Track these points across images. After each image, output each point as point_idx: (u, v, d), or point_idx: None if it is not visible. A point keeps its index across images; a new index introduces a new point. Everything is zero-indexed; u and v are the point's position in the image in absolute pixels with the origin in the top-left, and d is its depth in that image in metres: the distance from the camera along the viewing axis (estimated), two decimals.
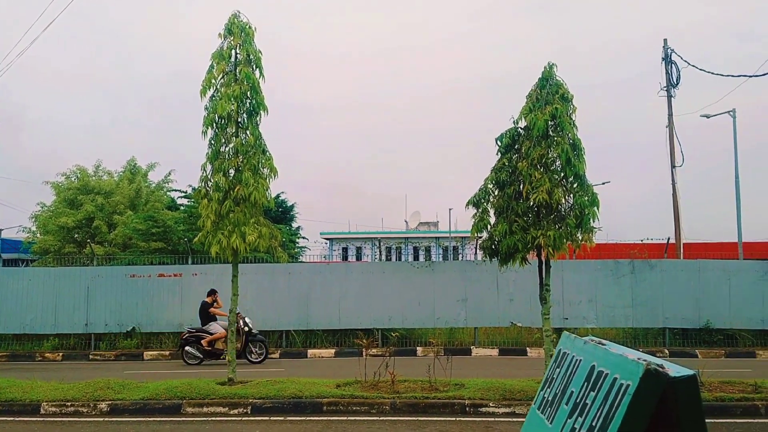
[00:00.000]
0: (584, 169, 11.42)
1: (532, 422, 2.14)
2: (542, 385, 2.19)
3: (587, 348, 1.89)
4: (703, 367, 11.52)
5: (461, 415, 9.85)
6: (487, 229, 12.03)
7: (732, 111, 23.26)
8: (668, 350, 18.10)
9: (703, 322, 18.71)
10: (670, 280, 19.02)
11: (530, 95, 11.65)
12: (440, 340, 18.22)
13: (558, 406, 1.90)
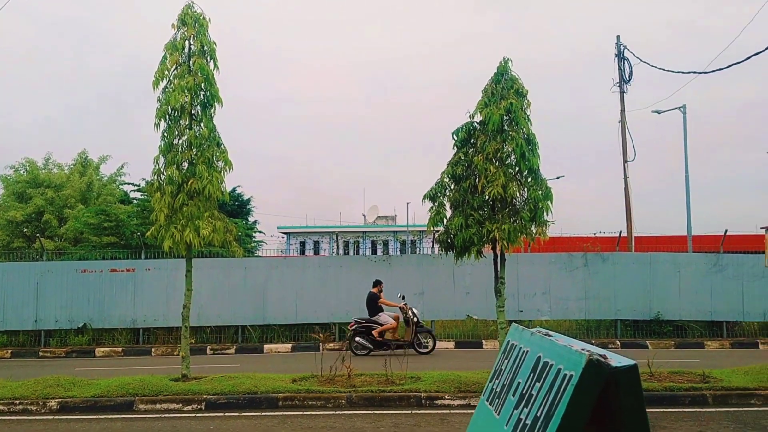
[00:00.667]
0: (538, 163, 11.57)
1: (480, 414, 2.15)
2: (491, 376, 2.20)
3: (534, 339, 1.91)
4: (653, 357, 11.80)
5: (417, 408, 9.90)
6: (444, 223, 12.12)
7: (682, 107, 23.81)
8: (620, 341, 18.49)
9: (654, 313, 19.14)
10: (622, 272, 19.41)
11: (486, 90, 11.74)
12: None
13: (505, 398, 1.92)
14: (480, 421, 2.13)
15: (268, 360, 16.25)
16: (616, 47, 22.98)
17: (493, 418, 1.96)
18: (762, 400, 10.11)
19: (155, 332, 19.33)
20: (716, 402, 10.07)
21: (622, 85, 22.98)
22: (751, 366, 11.72)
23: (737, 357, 15.17)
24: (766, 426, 8.56)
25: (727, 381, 10.70)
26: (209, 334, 19.17)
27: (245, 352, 18.00)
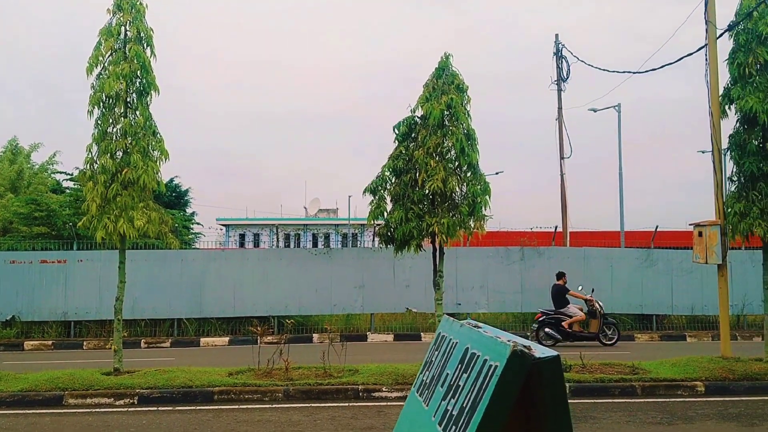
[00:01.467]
0: (477, 158, 11.72)
1: (410, 405, 2.16)
2: (421, 368, 2.21)
3: (463, 331, 1.93)
4: (584, 349, 12.13)
5: (354, 401, 9.93)
6: (384, 216, 12.15)
7: (617, 106, 24.47)
8: None
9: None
10: (557, 266, 19.79)
11: (427, 85, 11.81)
12: (337, 327, 18.28)
13: (434, 389, 1.93)
14: (409, 413, 2.14)
15: (205, 354, 16.02)
16: (554, 46, 23.44)
17: (422, 410, 1.97)
18: (688, 390, 10.51)
19: (87, 325, 18.81)
20: (645, 393, 10.42)
21: (559, 84, 23.45)
22: (678, 358, 12.15)
23: (666, 349, 15.71)
24: (693, 416, 8.89)
25: (655, 372, 11.08)
26: (144, 328, 18.76)
27: (181, 346, 17.69)
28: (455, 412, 1.63)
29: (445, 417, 1.69)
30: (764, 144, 11.56)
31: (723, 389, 10.55)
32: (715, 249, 11.85)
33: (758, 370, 11.08)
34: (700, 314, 19.88)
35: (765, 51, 11.34)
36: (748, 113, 11.38)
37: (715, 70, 12.07)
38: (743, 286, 19.00)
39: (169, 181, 29.79)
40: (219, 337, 18.32)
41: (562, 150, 23.57)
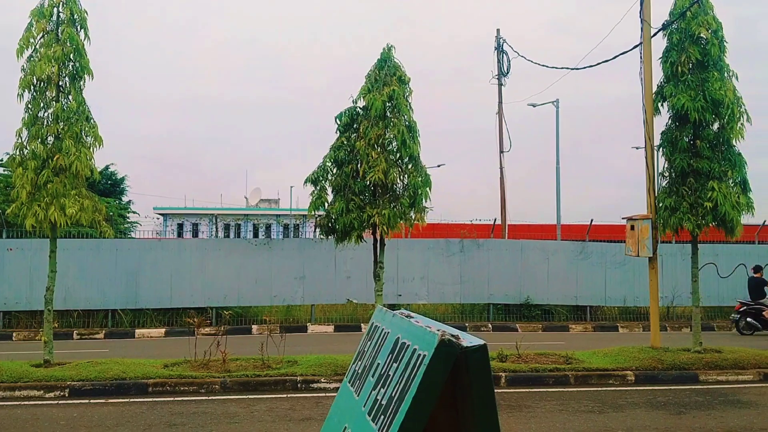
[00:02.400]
0: (419, 150, 11.78)
1: (342, 395, 2.15)
2: (354, 358, 2.21)
3: (395, 321, 1.93)
4: (521, 339, 12.36)
5: (293, 392, 9.88)
6: (325, 207, 12.10)
7: (556, 101, 24.96)
8: (492, 324, 19.24)
9: (524, 298, 20.02)
10: (496, 258, 20.15)
11: (369, 76, 11.79)
12: (276, 318, 18.16)
13: (365, 379, 1.92)
14: (341, 403, 2.13)
15: (140, 345, 15.68)
16: (495, 40, 23.70)
17: (353, 400, 1.96)
18: (619, 380, 10.83)
19: (17, 316, 18.18)
20: (578, 382, 10.69)
21: (500, 78, 23.74)
22: (610, 348, 12.51)
23: (599, 340, 16.14)
24: (623, 405, 9.17)
25: (588, 362, 11.38)
26: (77, 319, 18.23)
27: (115, 337, 17.26)
28: (384, 402, 1.62)
29: (375, 407, 1.69)
30: (694, 141, 11.97)
31: (652, 378, 10.92)
32: (646, 242, 12.23)
33: (686, 359, 11.50)
34: (632, 305, 20.50)
35: (697, 50, 11.72)
36: (680, 111, 11.76)
37: (649, 68, 12.41)
38: (673, 278, 19.68)
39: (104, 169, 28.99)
40: (155, 329, 17.95)
41: (502, 144, 23.90)
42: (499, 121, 24.04)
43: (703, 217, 11.65)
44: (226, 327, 14.91)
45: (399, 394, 1.52)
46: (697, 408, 8.99)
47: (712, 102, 11.52)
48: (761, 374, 11.18)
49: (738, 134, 11.75)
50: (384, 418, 1.56)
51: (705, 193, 11.55)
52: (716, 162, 11.73)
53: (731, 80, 11.85)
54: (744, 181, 11.93)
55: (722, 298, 20.83)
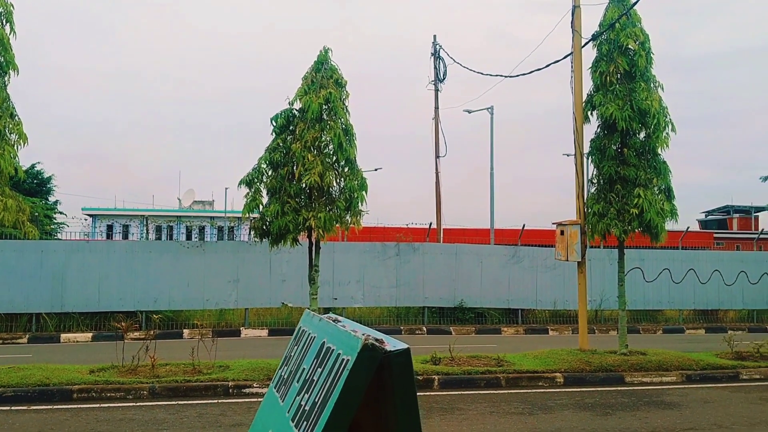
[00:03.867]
0: (355, 154, 11.77)
1: (268, 401, 2.12)
2: (281, 363, 2.17)
3: (321, 325, 1.90)
4: (454, 342, 12.49)
5: (224, 397, 9.71)
6: (260, 210, 11.96)
7: (490, 108, 25.35)
8: (426, 327, 19.38)
9: (458, 301, 20.25)
10: (431, 262, 20.32)
11: (306, 78, 11.72)
12: (209, 322, 17.83)
13: (291, 384, 1.90)
14: (266, 409, 2.10)
15: (66, 350, 15.15)
16: (432, 47, 23.94)
17: (277, 406, 1.93)
18: (548, 382, 11.06)
19: None
20: (509, 384, 10.87)
21: (436, 84, 24.00)
22: (540, 351, 12.77)
23: (529, 342, 16.46)
24: (552, 406, 9.35)
25: (518, 365, 11.58)
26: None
27: (40, 342, 16.62)
28: (308, 407, 1.60)
29: (299, 412, 1.66)
30: (622, 149, 12.35)
31: (580, 380, 11.19)
32: (575, 247, 12.54)
33: (612, 361, 11.83)
34: (562, 309, 20.99)
35: (625, 61, 12.11)
36: (609, 119, 12.11)
37: (580, 77, 12.75)
38: (601, 282, 20.24)
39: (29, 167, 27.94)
40: (81, 333, 17.36)
41: (438, 149, 24.14)
42: (435, 127, 24.30)
43: (630, 223, 12.02)
44: (156, 331, 14.53)
45: (322, 399, 1.50)
46: (622, 409, 9.25)
47: (639, 111, 11.92)
48: (684, 376, 11.59)
49: (663, 143, 12.18)
50: (307, 424, 1.54)
51: (631, 200, 11.93)
52: (642, 170, 12.13)
53: (657, 91, 12.28)
54: (668, 188, 12.37)
55: (648, 301, 21.59)
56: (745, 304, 22.62)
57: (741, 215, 50.82)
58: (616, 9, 12.32)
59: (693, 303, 22.23)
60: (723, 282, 21.93)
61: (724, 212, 52.44)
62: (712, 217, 53.01)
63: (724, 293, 22.14)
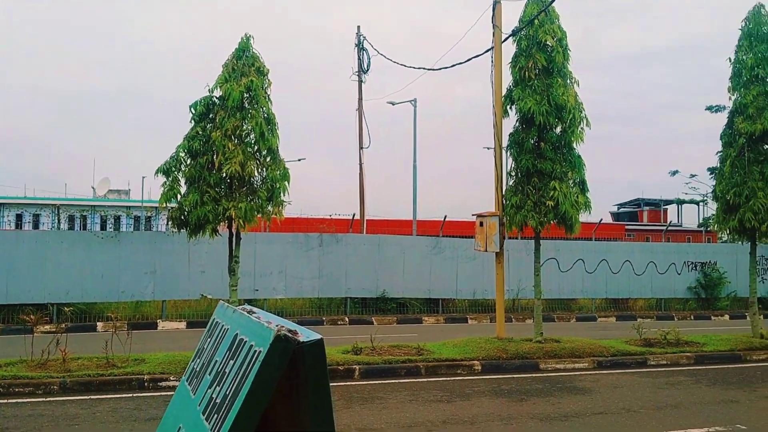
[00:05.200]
0: (277, 143, 11.65)
1: (179, 395, 2.08)
2: (193, 356, 2.13)
3: (235, 316, 1.88)
4: (376, 332, 12.57)
5: (139, 391, 9.47)
6: (178, 199, 11.68)
7: (413, 100, 25.54)
8: (348, 318, 19.42)
9: (381, 292, 20.37)
10: (354, 253, 20.36)
11: (226, 65, 11.50)
12: (124, 315, 17.33)
13: (203, 377, 1.87)
14: (177, 403, 2.05)
15: None
16: (356, 37, 23.91)
17: (189, 399, 1.89)
18: (467, 369, 11.28)
19: None
20: (428, 372, 11.02)
21: (360, 75, 23.99)
22: (459, 339, 13.01)
23: (449, 331, 16.73)
24: (469, 393, 9.55)
25: (438, 353, 11.76)
26: None
27: None
28: (219, 400, 1.58)
29: (210, 405, 1.64)
30: (539, 143, 12.68)
31: (497, 367, 11.46)
32: (494, 238, 12.82)
33: (528, 349, 12.18)
34: (481, 298, 21.44)
35: (543, 57, 12.42)
36: (527, 114, 12.41)
37: (500, 72, 13.00)
38: (519, 272, 20.75)
39: None
40: None
41: (362, 140, 24.17)
42: (359, 118, 24.32)
43: (546, 215, 12.37)
44: (68, 324, 13.99)
45: (233, 391, 1.49)
46: (537, 395, 9.54)
47: (555, 106, 12.26)
48: (595, 362, 12.04)
49: (578, 138, 12.58)
50: (217, 416, 1.52)
51: (547, 192, 12.27)
52: (558, 163, 12.50)
53: (573, 87, 12.67)
54: (582, 181, 12.80)
55: (562, 291, 22.30)
56: (654, 293, 23.68)
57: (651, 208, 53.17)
58: (535, 6, 12.60)
59: (605, 292, 23.10)
60: (633, 272, 22.93)
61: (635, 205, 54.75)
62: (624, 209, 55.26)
63: (634, 283, 23.12)
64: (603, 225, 26.16)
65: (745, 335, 14.34)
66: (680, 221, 49.79)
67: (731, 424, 7.80)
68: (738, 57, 13.93)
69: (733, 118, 14.04)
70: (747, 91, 13.63)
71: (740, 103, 13.75)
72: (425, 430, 7.44)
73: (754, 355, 13.08)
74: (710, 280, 23.90)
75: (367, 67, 23.77)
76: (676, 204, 50.33)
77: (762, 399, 9.41)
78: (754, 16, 13.77)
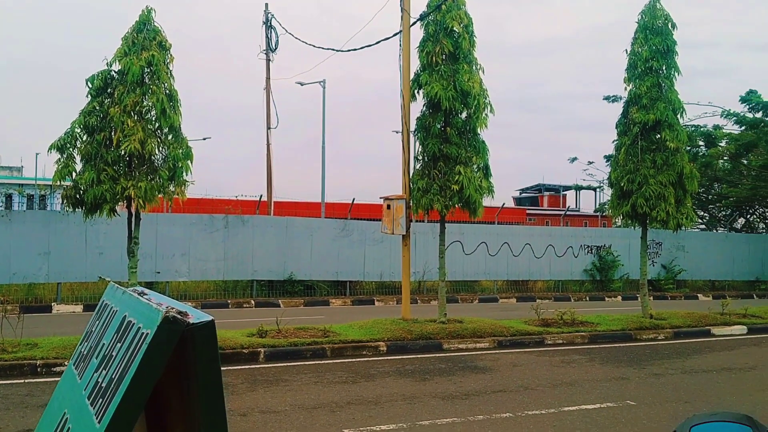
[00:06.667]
0: (180, 121, 11.31)
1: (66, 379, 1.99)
2: (81, 339, 2.05)
3: (124, 298, 1.81)
4: (283, 315, 12.50)
5: (32, 377, 9.06)
6: (73, 177, 11.16)
7: (323, 81, 25.39)
8: (255, 301, 19.22)
9: (288, 274, 20.24)
10: (261, 235, 20.11)
11: (126, 38, 11.04)
12: (16, 297, 16.48)
13: (90, 361, 1.80)
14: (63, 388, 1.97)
15: None
16: (264, 15, 23.45)
17: (75, 383, 1.82)
18: (372, 351, 11.39)
19: None
20: (334, 354, 11.06)
21: (268, 53, 23.58)
22: (365, 321, 13.11)
23: (357, 313, 16.82)
24: (374, 374, 9.65)
25: (344, 335, 11.82)
26: None
27: None
28: (104, 384, 1.53)
29: (95, 389, 1.58)
30: (445, 128, 12.88)
31: (402, 348, 11.64)
32: (400, 221, 12.96)
33: (432, 329, 12.42)
34: (388, 280, 21.68)
35: (450, 42, 12.58)
36: (434, 99, 12.56)
37: (408, 56, 13.09)
38: (425, 255, 21.09)
39: None
40: None
41: (269, 120, 23.82)
42: (266, 97, 23.94)
43: (451, 199, 12.60)
44: None
45: (119, 375, 1.44)
46: (439, 374, 9.75)
47: (461, 92, 12.46)
48: (496, 342, 12.42)
49: (483, 123, 12.86)
50: (102, 401, 1.47)
51: (453, 177, 12.50)
52: (463, 148, 12.74)
53: (479, 73, 12.91)
54: (486, 166, 13.11)
55: (466, 273, 22.84)
56: (552, 275, 24.63)
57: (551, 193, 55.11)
58: None
59: (506, 274, 23.84)
60: (533, 255, 23.75)
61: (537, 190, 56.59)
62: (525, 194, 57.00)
63: (534, 265, 23.97)
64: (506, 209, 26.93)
65: (636, 315, 15.14)
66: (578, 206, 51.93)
67: (622, 400, 8.24)
68: (634, 49, 14.58)
69: (628, 107, 14.72)
70: (641, 82, 14.30)
71: (635, 94, 14.42)
72: (329, 411, 7.47)
73: (644, 334, 13.84)
74: (605, 263, 25.09)
75: (276, 46, 23.41)
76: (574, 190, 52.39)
77: (650, 376, 9.97)
78: (649, 10, 14.44)
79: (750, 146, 28.67)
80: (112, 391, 1.42)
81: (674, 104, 14.28)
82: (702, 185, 28.17)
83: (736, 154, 30.02)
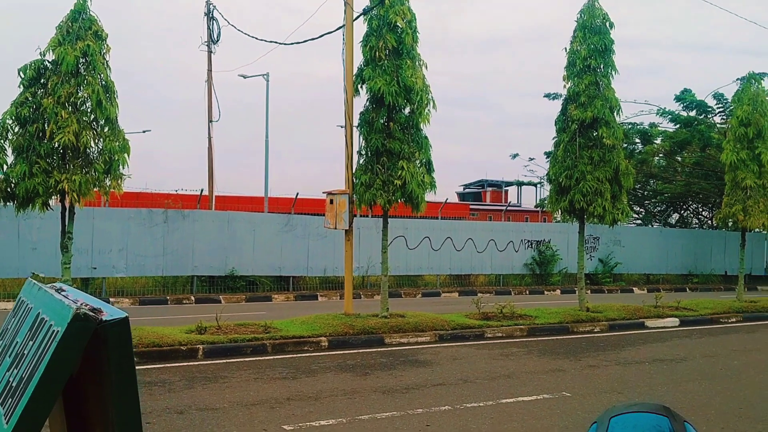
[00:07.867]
0: (117, 113, 11.05)
1: None
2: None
3: (39, 295, 1.76)
4: (224, 311, 12.34)
5: None
6: (4, 170, 10.79)
7: (266, 74, 25.12)
8: (195, 297, 18.92)
9: (229, 269, 19.99)
10: (201, 230, 19.79)
11: (60, 27, 10.71)
12: None
13: (2, 359, 1.74)
14: None
15: None
16: (206, 6, 23.05)
17: None
18: (314, 346, 11.35)
19: None
20: (275, 350, 10.99)
21: (210, 45, 23.19)
22: (307, 316, 13.06)
23: (299, 308, 16.77)
24: (315, 369, 9.63)
25: (285, 330, 11.74)
26: None
27: None
28: (15, 383, 1.48)
29: (6, 389, 1.53)
30: (389, 123, 12.91)
31: (344, 343, 11.63)
32: (343, 216, 12.94)
33: (374, 324, 12.46)
34: (332, 275, 21.64)
35: (393, 38, 12.61)
36: (377, 94, 12.58)
37: (351, 50, 13.07)
38: (369, 249, 21.12)
39: None
40: None
41: (211, 113, 23.44)
42: (208, 90, 23.54)
43: (394, 194, 12.65)
44: None
45: (29, 374, 1.39)
46: (381, 369, 9.79)
47: (404, 88, 12.51)
48: (437, 335, 12.54)
49: (425, 119, 12.94)
50: (12, 401, 1.42)
51: (396, 172, 12.55)
52: (406, 143, 12.81)
53: (422, 69, 12.99)
54: (429, 162, 13.21)
55: (410, 267, 22.98)
56: (494, 269, 25.00)
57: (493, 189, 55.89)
58: None
59: (449, 268, 24.08)
60: (475, 249, 24.07)
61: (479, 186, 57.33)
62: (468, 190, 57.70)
63: (476, 259, 24.29)
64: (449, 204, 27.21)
65: (573, 308, 15.50)
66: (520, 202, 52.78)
67: (558, 392, 8.43)
68: (573, 48, 14.90)
69: (567, 105, 15.04)
70: (580, 80, 14.63)
71: (573, 92, 14.74)
72: (268, 407, 7.42)
73: (581, 327, 14.18)
74: (544, 258, 25.60)
75: (218, 38, 23.03)
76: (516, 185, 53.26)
77: (586, 368, 10.23)
78: (588, 9, 14.77)
79: (684, 144, 29.62)
80: (21, 390, 1.38)
81: (611, 102, 14.66)
82: (638, 182, 29.01)
83: (671, 152, 31.01)
